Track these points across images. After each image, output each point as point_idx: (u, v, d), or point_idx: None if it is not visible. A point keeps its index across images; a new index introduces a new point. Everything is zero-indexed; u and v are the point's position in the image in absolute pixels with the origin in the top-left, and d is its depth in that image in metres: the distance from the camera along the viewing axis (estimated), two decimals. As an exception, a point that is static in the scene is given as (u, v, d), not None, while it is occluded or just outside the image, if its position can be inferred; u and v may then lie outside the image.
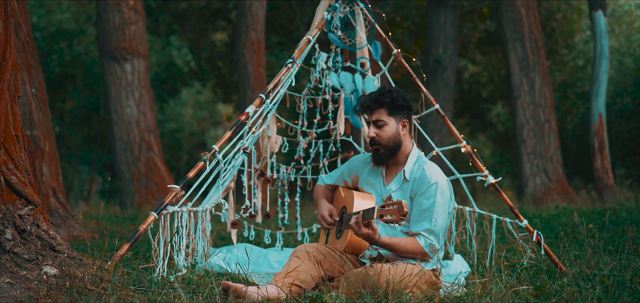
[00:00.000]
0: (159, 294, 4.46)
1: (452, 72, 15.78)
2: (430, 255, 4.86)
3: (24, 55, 8.91)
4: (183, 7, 18.16)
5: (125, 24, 12.23)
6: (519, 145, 13.55)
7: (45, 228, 4.72)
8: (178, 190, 5.41)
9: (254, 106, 5.79)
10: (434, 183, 4.89)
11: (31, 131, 8.82)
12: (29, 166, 4.92)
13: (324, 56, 6.51)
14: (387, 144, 5.04)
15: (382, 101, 5.04)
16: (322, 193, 5.54)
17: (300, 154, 6.87)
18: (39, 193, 8.48)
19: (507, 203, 6.00)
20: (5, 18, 4.77)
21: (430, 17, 15.94)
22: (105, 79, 12.41)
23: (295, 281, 4.64)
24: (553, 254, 5.84)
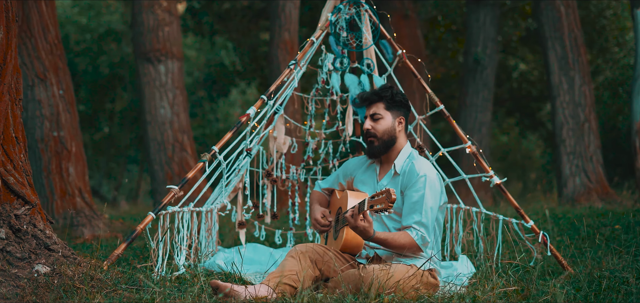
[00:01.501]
0: (148, 293, 4.52)
1: (492, 71, 15.64)
2: (423, 248, 4.85)
3: (51, 57, 9.10)
4: (226, 7, 18.29)
5: (159, 26, 12.38)
6: (558, 145, 13.36)
7: (41, 228, 4.83)
8: (177, 190, 5.49)
9: (255, 108, 5.84)
10: (422, 175, 4.94)
11: (58, 132, 9.00)
12: (29, 167, 5.04)
13: (331, 57, 6.52)
14: (382, 138, 5.11)
15: (382, 95, 5.14)
16: (316, 198, 5.60)
17: (309, 155, 6.89)
18: (65, 193, 8.69)
19: (512, 204, 5.95)
20: (6, 23, 4.89)
21: (470, 16, 15.83)
22: (140, 81, 12.58)
23: (288, 281, 4.66)
24: (559, 255, 5.78)
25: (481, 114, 15.52)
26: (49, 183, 8.88)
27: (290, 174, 6.87)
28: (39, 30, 9.01)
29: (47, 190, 8.86)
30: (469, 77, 15.64)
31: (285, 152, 6.69)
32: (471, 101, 15.57)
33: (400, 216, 5.01)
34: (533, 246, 6.00)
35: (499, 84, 21.58)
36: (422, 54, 16.01)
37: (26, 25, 8.93)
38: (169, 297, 4.44)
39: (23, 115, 8.37)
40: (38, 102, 8.96)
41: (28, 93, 8.95)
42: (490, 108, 15.79)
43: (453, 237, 6.42)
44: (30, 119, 8.95)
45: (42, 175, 8.89)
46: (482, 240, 6.20)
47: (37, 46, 8.96)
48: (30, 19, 8.95)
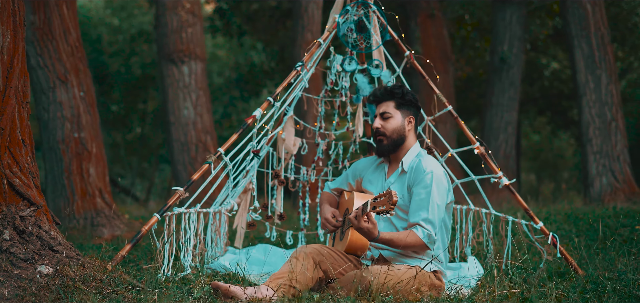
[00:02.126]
0: (149, 293, 4.57)
1: (518, 71, 15.54)
2: (430, 246, 4.85)
3: (72, 59, 9.21)
4: (254, 8, 18.37)
5: (182, 27, 12.47)
6: (584, 144, 13.22)
7: (46, 229, 4.90)
8: (182, 191, 5.54)
9: (261, 109, 5.87)
10: (429, 172, 4.94)
11: (79, 133, 9.11)
12: (36, 169, 5.12)
13: (339, 59, 6.53)
14: (391, 136, 5.11)
15: (392, 94, 5.14)
16: (325, 199, 5.61)
17: (319, 156, 6.91)
18: (86, 194, 8.80)
19: (521, 205, 5.92)
20: (13, 27, 4.97)
21: (496, 14, 15.74)
22: (164, 82, 12.67)
23: (289, 282, 4.69)
24: (569, 256, 5.73)
25: (507, 114, 15.42)
26: (70, 184, 8.99)
27: (300, 175, 6.90)
28: (60, 33, 9.13)
29: (68, 191, 8.98)
30: (495, 77, 15.56)
31: (294, 153, 6.72)
32: (497, 100, 15.49)
33: (407, 214, 5.01)
34: (543, 247, 5.96)
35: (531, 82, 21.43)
36: (448, 53, 15.95)
37: (47, 28, 9.05)
38: (170, 298, 4.49)
39: (44, 116, 8.57)
40: (59, 104, 9.07)
41: (49, 95, 9.07)
42: (516, 108, 15.68)
43: (463, 238, 6.39)
44: (52, 120, 9.08)
45: (63, 176, 9.01)
46: (491, 242, 6.18)
47: (58, 48, 9.08)
48: (52, 21, 9.07)
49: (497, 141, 15.29)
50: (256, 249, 6.58)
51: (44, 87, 9.08)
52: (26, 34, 8.48)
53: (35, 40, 9.02)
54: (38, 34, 9.02)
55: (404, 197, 5.03)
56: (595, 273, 5.32)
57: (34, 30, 9.03)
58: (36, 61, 9.05)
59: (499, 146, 15.26)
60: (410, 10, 16.10)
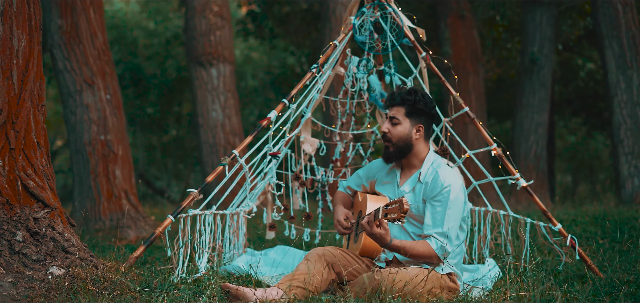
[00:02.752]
0: (160, 295, 4.61)
1: (549, 71, 15.39)
2: (442, 258, 4.83)
3: (99, 63, 9.32)
4: (286, 11, 18.42)
5: (211, 30, 12.56)
6: (616, 145, 13.05)
7: (60, 231, 4.96)
8: (196, 193, 5.57)
9: (276, 111, 5.88)
10: (447, 186, 4.88)
11: (105, 135, 9.21)
12: (51, 171, 5.18)
13: (356, 60, 6.53)
14: (397, 143, 5.07)
15: (404, 101, 5.08)
16: (340, 199, 5.59)
17: (337, 157, 6.91)
18: (112, 195, 8.89)
19: (540, 207, 5.87)
20: (29, 31, 5.04)
21: (526, 15, 15.62)
22: (192, 84, 12.78)
23: (300, 284, 4.70)
24: (588, 259, 5.68)
25: (538, 115, 15.29)
26: (96, 186, 9.10)
27: (319, 177, 6.90)
28: (87, 37, 9.23)
29: (94, 192, 9.08)
30: (526, 78, 15.43)
31: (313, 154, 6.73)
32: (527, 101, 15.36)
33: (421, 223, 4.98)
34: (561, 249, 5.91)
35: (565, 83, 21.22)
36: (478, 54, 15.86)
37: (74, 32, 9.16)
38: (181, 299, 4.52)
39: (71, 119, 8.68)
40: (86, 107, 9.18)
41: (76, 98, 9.18)
42: (547, 109, 15.53)
43: (481, 240, 6.35)
44: (79, 123, 9.19)
45: (90, 178, 9.11)
46: (509, 244, 6.13)
47: (85, 52, 9.19)
48: (79, 25, 9.18)
49: (528, 142, 15.16)
50: (274, 250, 6.60)
51: (71, 90, 9.19)
52: (53, 37, 8.65)
53: (62, 43, 9.14)
54: (65, 37, 9.14)
55: (419, 208, 5.00)
56: (614, 276, 5.26)
57: (61, 34, 9.14)
58: (63, 65, 9.16)
59: (530, 147, 15.14)
60: (440, 11, 16.03)
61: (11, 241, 4.67)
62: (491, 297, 4.71)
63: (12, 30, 4.91)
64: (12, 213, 4.75)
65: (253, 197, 6.50)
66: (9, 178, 4.80)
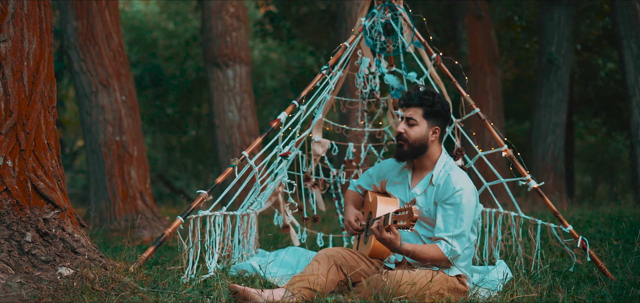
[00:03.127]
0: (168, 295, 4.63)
1: (567, 72, 15.30)
2: (452, 262, 4.82)
3: (114, 64, 9.38)
4: (304, 12, 18.44)
5: (227, 31, 12.59)
6: (634, 146, 12.96)
7: (70, 231, 4.99)
8: (205, 195, 5.59)
9: (286, 113, 5.90)
10: (459, 189, 4.87)
11: (121, 136, 9.27)
12: (61, 173, 5.22)
13: (367, 62, 6.53)
14: (413, 144, 5.04)
15: (422, 101, 5.06)
16: (350, 199, 5.58)
17: (350, 158, 6.92)
18: (127, 196, 8.95)
19: (550, 208, 5.85)
20: (40, 33, 5.08)
21: (544, 15, 15.55)
22: (209, 85, 12.83)
23: (308, 285, 4.70)
24: (599, 261, 5.65)
25: (555, 116, 15.21)
26: (112, 186, 9.15)
27: (330, 177, 6.91)
28: (102, 38, 9.30)
29: (110, 193, 9.13)
30: (543, 78, 15.36)
31: (324, 154, 6.74)
32: (545, 102, 15.29)
33: (432, 226, 4.97)
34: (572, 251, 5.89)
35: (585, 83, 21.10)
36: (496, 54, 15.81)
37: (90, 33, 9.23)
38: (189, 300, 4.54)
39: (87, 120, 8.74)
40: (101, 108, 9.24)
41: (92, 99, 9.24)
42: (565, 109, 15.45)
43: (492, 242, 6.34)
44: (94, 124, 9.25)
45: (105, 178, 9.17)
46: (520, 245, 6.11)
47: (101, 53, 9.25)
48: (94, 27, 9.25)
49: (545, 142, 15.09)
50: (285, 251, 6.61)
51: (86, 91, 9.26)
52: (69, 39, 8.71)
53: (78, 45, 9.20)
54: (81, 39, 9.20)
55: (430, 211, 4.99)
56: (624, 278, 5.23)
57: (77, 35, 9.21)
58: (79, 66, 9.23)
59: (547, 148, 15.07)
60: (457, 12, 16.00)
61: (21, 241, 4.71)
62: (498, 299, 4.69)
63: (23, 33, 4.95)
64: (22, 213, 4.79)
65: (264, 198, 6.52)
66: (19, 179, 4.84)
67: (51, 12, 5.29)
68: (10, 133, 4.83)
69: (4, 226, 4.71)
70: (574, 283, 5.23)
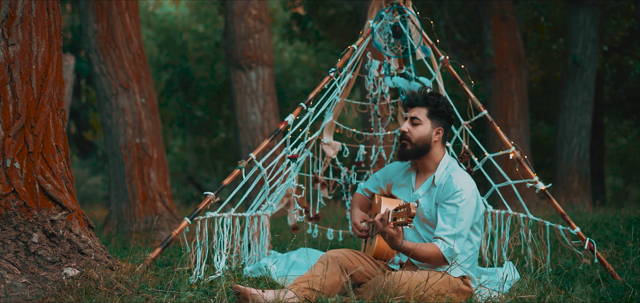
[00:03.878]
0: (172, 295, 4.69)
1: (592, 73, 15.17)
2: (449, 261, 4.84)
3: (134, 67, 9.47)
4: (331, 13, 18.48)
5: (250, 33, 12.66)
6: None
7: (77, 232, 5.06)
8: (212, 196, 5.65)
9: (293, 115, 5.94)
10: (459, 190, 4.90)
11: (140, 139, 9.36)
12: (70, 175, 5.30)
13: (376, 64, 6.55)
14: (416, 144, 5.08)
15: (427, 101, 5.10)
16: (357, 202, 5.63)
17: (360, 160, 6.93)
18: (147, 198, 9.04)
19: (558, 210, 5.83)
20: (49, 37, 5.16)
21: (569, 16, 15.44)
22: (232, 87, 12.90)
23: (312, 286, 4.74)
24: (606, 262, 5.63)
25: (580, 117, 15.10)
26: (132, 188, 9.24)
27: (341, 178, 6.94)
28: (122, 41, 9.39)
29: (130, 195, 9.22)
30: (568, 79, 15.25)
31: (335, 157, 6.77)
32: (570, 103, 15.18)
33: (434, 227, 5.00)
34: (580, 252, 5.87)
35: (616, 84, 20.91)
36: (521, 56, 15.73)
37: (110, 36, 9.33)
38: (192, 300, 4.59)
39: (108, 122, 8.84)
40: (121, 110, 9.34)
41: (112, 101, 9.34)
42: (590, 111, 15.33)
43: (501, 243, 6.33)
44: (114, 126, 9.35)
45: (125, 180, 9.26)
46: (529, 246, 6.10)
47: (121, 56, 9.35)
48: (115, 30, 9.35)
49: (570, 144, 14.99)
50: (296, 253, 6.64)
51: (107, 94, 9.36)
52: (89, 42, 8.81)
53: (98, 48, 9.31)
54: (101, 42, 9.31)
55: (431, 211, 5.02)
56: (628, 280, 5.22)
57: (98, 38, 9.31)
58: (99, 69, 9.33)
59: (572, 150, 14.96)
60: (482, 13, 15.94)
61: (27, 242, 4.78)
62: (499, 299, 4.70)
63: (31, 37, 5.02)
64: (29, 215, 4.87)
65: (275, 200, 6.56)
66: (26, 181, 4.91)
67: (60, 15, 5.37)
68: (19, 136, 4.90)
69: (11, 228, 4.79)
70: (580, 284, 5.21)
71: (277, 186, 6.44)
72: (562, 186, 14.65)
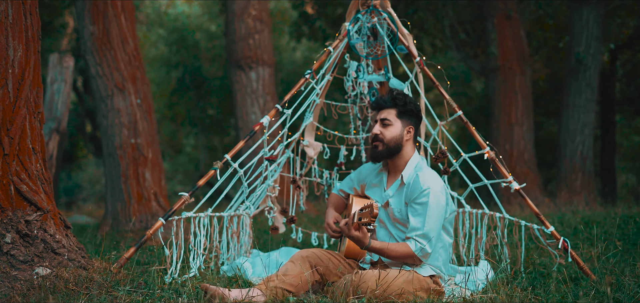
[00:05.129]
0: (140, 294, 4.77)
1: (596, 71, 15.10)
2: (422, 260, 4.89)
3: (130, 68, 9.56)
4: (339, 12, 18.49)
5: (250, 34, 12.72)
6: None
7: (51, 233, 5.15)
8: (187, 197, 5.73)
9: (269, 116, 6.00)
10: (426, 188, 4.96)
11: (135, 139, 9.45)
12: (47, 176, 5.39)
13: (355, 65, 6.61)
14: (388, 145, 5.15)
15: (395, 102, 5.18)
16: (332, 202, 5.71)
17: (342, 161, 6.99)
18: (142, 197, 9.12)
19: (532, 209, 5.86)
20: (25, 41, 5.25)
21: (573, 14, 15.38)
22: (232, 87, 12.97)
23: (282, 285, 4.81)
24: (581, 261, 5.66)
25: (584, 115, 15.04)
26: (127, 188, 9.34)
27: (323, 180, 6.99)
28: (118, 43, 9.49)
29: (125, 194, 9.32)
30: (572, 78, 15.20)
31: (315, 157, 6.82)
32: (573, 101, 15.12)
33: (405, 226, 5.06)
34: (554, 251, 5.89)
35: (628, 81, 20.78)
36: (525, 55, 15.70)
37: (106, 38, 9.43)
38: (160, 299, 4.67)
39: (103, 123, 8.96)
40: (117, 111, 9.43)
41: (108, 102, 9.44)
42: (594, 109, 15.26)
43: (478, 243, 6.37)
44: (110, 127, 9.45)
45: (121, 180, 9.36)
46: (506, 246, 6.14)
47: (116, 57, 9.45)
48: (110, 32, 9.45)
49: (574, 143, 14.94)
50: (278, 252, 6.71)
51: (102, 95, 9.46)
52: (86, 44, 8.92)
53: (94, 50, 9.41)
54: (97, 44, 9.41)
55: (402, 211, 5.09)
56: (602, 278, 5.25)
57: (94, 40, 9.42)
58: (95, 70, 9.44)
59: (576, 148, 14.91)
60: (487, 12, 15.93)
61: (0, 243, 4.88)
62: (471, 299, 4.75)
63: (7, 41, 5.12)
64: (3, 215, 4.96)
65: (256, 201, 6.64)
66: (1, 182, 5.01)
67: (38, 20, 5.46)
68: (-6, 138, 5.01)
69: (-16, 228, 4.90)
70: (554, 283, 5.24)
71: (257, 187, 6.52)
72: (566, 185, 14.62)
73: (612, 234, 7.66)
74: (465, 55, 17.35)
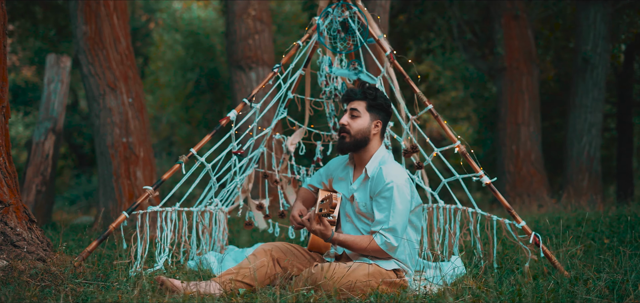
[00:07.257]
0: (93, 286, 4.77)
1: (603, 71, 14.94)
2: (389, 253, 4.87)
3: (122, 67, 9.60)
4: (346, 13, 18.47)
5: (250, 34, 12.72)
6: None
7: (12, 226, 5.17)
8: (152, 191, 5.72)
9: (236, 111, 5.99)
10: (389, 182, 4.93)
11: (127, 138, 9.48)
12: (12, 169, 5.41)
13: (327, 60, 6.58)
14: (355, 136, 5.13)
15: (365, 95, 5.17)
16: (301, 196, 5.70)
17: (319, 157, 6.96)
18: (133, 196, 9.12)
19: (503, 204, 5.80)
20: (-10, 38, 5.28)
21: (580, 13, 15.24)
22: (232, 87, 12.98)
23: (240, 277, 4.80)
24: (553, 256, 5.60)
25: (591, 115, 14.88)
26: (118, 187, 9.36)
27: (300, 175, 6.98)
28: (110, 42, 9.53)
29: (116, 193, 9.35)
30: (579, 77, 15.05)
31: (292, 152, 6.81)
32: (580, 101, 14.97)
33: (370, 220, 5.04)
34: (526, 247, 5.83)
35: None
36: (533, 54, 15.57)
37: (98, 37, 9.47)
38: (115, 293, 4.66)
39: (96, 122, 8.98)
40: (109, 110, 9.47)
41: (100, 102, 9.48)
42: (601, 109, 15.10)
43: (451, 238, 6.31)
44: (102, 125, 9.48)
45: (112, 179, 9.39)
46: (478, 241, 6.08)
47: (108, 56, 9.48)
48: (102, 31, 9.49)
49: (580, 143, 14.78)
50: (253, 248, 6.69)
51: (95, 94, 9.50)
52: (79, 43, 8.96)
53: (86, 49, 9.45)
54: (89, 43, 9.45)
55: (367, 205, 5.06)
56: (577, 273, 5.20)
57: (86, 40, 9.46)
58: (88, 69, 9.47)
59: (582, 148, 14.76)
60: (494, 12, 15.83)
61: (-43, 235, 4.92)
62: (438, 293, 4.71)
63: (-29, 35, 5.16)
64: (-37, 208, 5.00)
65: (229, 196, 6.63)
66: (-37, 175, 5.05)
67: (5, 14, 5.48)
68: (-44, 131, 5.04)
69: (-58, 221, 4.93)
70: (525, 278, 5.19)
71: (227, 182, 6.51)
72: (572, 185, 14.47)
73: (602, 232, 7.59)
74: (472, 55, 17.25)
